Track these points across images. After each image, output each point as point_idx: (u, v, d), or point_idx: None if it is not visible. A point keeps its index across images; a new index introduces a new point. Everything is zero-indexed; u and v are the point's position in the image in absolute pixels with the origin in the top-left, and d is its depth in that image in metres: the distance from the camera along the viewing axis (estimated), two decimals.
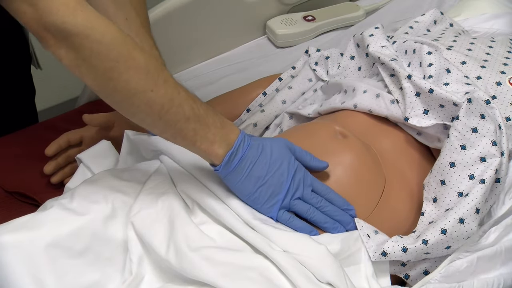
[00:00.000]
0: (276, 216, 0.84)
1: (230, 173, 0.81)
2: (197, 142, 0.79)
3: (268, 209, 0.84)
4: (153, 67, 0.75)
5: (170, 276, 0.80)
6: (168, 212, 0.83)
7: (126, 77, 0.73)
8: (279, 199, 0.83)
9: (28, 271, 0.73)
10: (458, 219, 0.84)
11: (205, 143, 0.79)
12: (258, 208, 0.84)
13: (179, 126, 0.77)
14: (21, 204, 1.06)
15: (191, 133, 0.78)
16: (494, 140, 0.89)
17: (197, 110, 0.78)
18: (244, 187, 0.82)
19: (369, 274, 0.82)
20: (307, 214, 0.85)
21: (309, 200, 0.85)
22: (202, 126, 0.79)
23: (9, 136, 1.19)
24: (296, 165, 0.86)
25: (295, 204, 0.84)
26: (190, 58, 1.51)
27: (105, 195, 0.84)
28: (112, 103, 0.77)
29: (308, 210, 0.85)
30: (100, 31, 0.71)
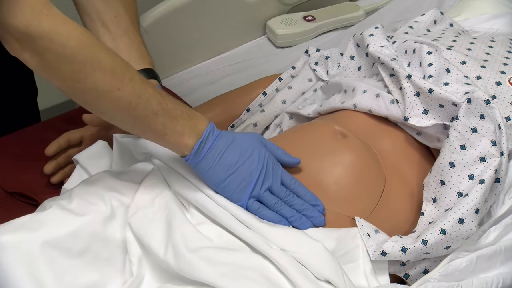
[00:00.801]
0: (246, 204, 0.84)
1: (200, 162, 0.82)
2: (166, 135, 0.80)
3: (238, 197, 0.84)
4: (119, 67, 0.76)
5: (169, 277, 0.80)
6: (165, 212, 0.83)
7: (92, 78, 0.73)
8: (249, 188, 0.84)
9: (28, 271, 0.73)
10: (457, 219, 0.84)
11: (175, 136, 0.80)
12: (229, 196, 0.84)
13: (148, 121, 0.78)
14: (21, 204, 1.06)
15: (160, 127, 0.79)
16: (493, 140, 0.89)
17: (165, 105, 0.79)
18: (214, 175, 0.83)
19: (367, 271, 0.82)
20: (274, 207, 0.85)
21: (278, 192, 0.86)
22: (171, 119, 0.80)
23: (9, 136, 1.19)
24: (267, 155, 0.86)
25: (265, 196, 0.85)
26: (190, 58, 1.51)
27: (103, 196, 0.84)
28: (81, 103, 0.78)
29: (276, 203, 0.85)
30: (65, 34, 0.71)
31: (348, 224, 0.88)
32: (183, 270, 0.76)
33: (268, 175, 0.85)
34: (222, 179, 0.83)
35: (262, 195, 0.85)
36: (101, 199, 0.84)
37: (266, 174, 0.85)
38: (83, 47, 0.72)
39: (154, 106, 0.78)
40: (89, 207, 0.82)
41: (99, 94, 0.75)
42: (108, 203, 0.83)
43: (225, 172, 0.83)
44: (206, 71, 1.49)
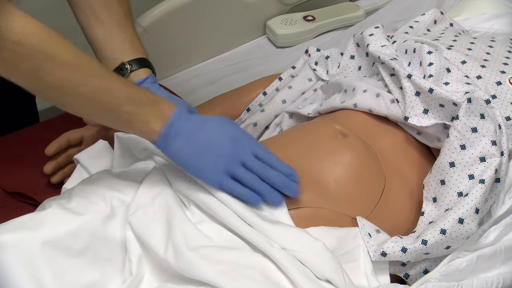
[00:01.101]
0: (220, 182, 0.83)
1: (169, 145, 0.82)
2: (134, 123, 0.80)
3: (212, 176, 0.83)
4: (82, 61, 0.76)
5: (169, 276, 0.80)
6: (166, 211, 0.83)
7: (54, 75, 0.73)
8: (222, 165, 0.83)
9: (27, 271, 0.73)
10: (457, 219, 0.84)
11: (142, 123, 0.81)
12: (202, 175, 0.83)
13: (114, 112, 0.79)
14: (21, 204, 1.06)
15: (127, 117, 0.80)
16: (494, 140, 0.89)
17: (130, 94, 0.80)
18: (185, 157, 0.83)
19: (368, 271, 0.82)
20: (248, 182, 0.84)
21: (252, 166, 0.84)
22: (137, 107, 0.80)
23: (9, 136, 1.19)
24: (238, 132, 0.86)
25: (239, 171, 0.84)
26: (190, 58, 1.51)
27: (103, 195, 0.84)
28: (47, 99, 0.78)
29: (251, 179, 0.84)
30: (23, 32, 0.70)
31: (348, 224, 0.88)
32: (183, 268, 0.76)
33: (241, 150, 0.85)
34: (194, 160, 0.83)
35: (236, 171, 0.84)
36: (101, 198, 0.84)
37: (238, 149, 0.84)
38: (42, 44, 0.72)
39: (120, 96, 0.79)
40: (89, 206, 0.82)
41: (63, 91, 0.75)
42: (108, 202, 0.83)
43: (196, 153, 0.83)
44: (206, 71, 1.49)
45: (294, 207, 0.88)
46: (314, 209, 0.89)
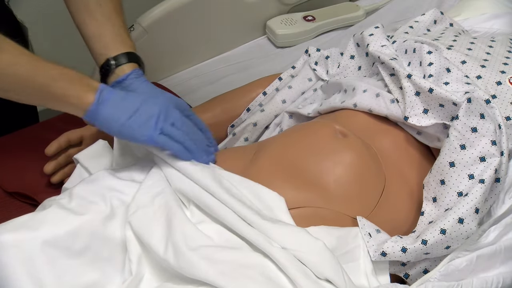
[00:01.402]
0: (152, 138, 0.86)
1: (101, 112, 0.85)
2: (65, 97, 0.84)
3: (144, 132, 0.86)
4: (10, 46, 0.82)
5: (169, 276, 0.80)
6: (166, 211, 0.83)
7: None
8: (153, 123, 0.86)
9: (27, 271, 0.73)
10: (457, 219, 0.84)
11: (74, 96, 0.85)
12: (135, 134, 0.86)
13: (47, 88, 0.83)
14: (21, 204, 1.06)
15: (60, 91, 0.84)
16: (493, 139, 0.89)
17: (60, 71, 0.84)
18: (117, 118, 0.85)
19: (368, 271, 0.82)
20: (180, 138, 0.88)
21: (181, 125, 0.89)
22: (68, 82, 0.85)
23: (9, 136, 1.19)
24: (168, 94, 0.91)
25: (169, 129, 0.87)
26: (190, 58, 1.51)
27: (103, 195, 0.84)
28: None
29: (182, 136, 0.88)
30: None
31: (348, 224, 0.88)
32: (183, 268, 0.76)
33: (171, 111, 0.89)
34: (124, 119, 0.85)
35: (167, 129, 0.87)
36: (101, 198, 0.84)
37: (168, 110, 0.88)
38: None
39: (52, 74, 0.83)
40: (89, 206, 0.82)
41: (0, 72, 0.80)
42: (108, 202, 0.84)
43: (127, 113, 0.86)
44: (206, 71, 1.49)
45: (294, 207, 0.88)
46: (314, 209, 0.89)
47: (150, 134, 0.86)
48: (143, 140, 0.86)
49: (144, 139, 0.86)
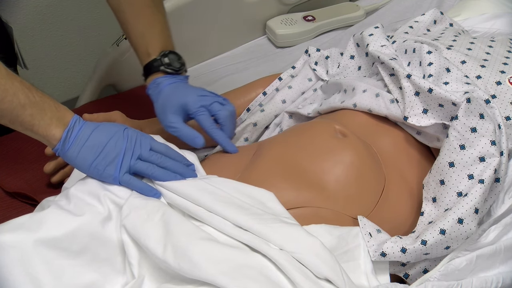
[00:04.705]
0: (115, 179, 0.85)
1: (68, 150, 0.84)
2: (34, 126, 0.83)
3: (109, 173, 0.85)
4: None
5: (169, 277, 0.79)
6: (160, 212, 0.82)
7: None
8: (118, 161, 0.85)
9: (26, 271, 0.73)
10: (457, 219, 0.84)
11: (42, 127, 0.83)
12: (100, 175, 0.85)
13: (16, 113, 0.81)
14: (21, 204, 1.06)
15: (28, 119, 0.82)
16: (493, 140, 0.89)
17: (32, 98, 0.82)
18: (83, 159, 0.85)
19: (368, 270, 0.82)
20: (147, 171, 0.87)
21: (148, 158, 0.88)
22: (39, 111, 0.83)
23: (9, 136, 1.19)
24: (131, 130, 0.89)
25: (135, 164, 0.86)
26: (190, 58, 1.50)
27: (100, 197, 0.84)
28: None
29: (148, 168, 0.87)
30: None
31: (348, 223, 0.88)
32: (183, 267, 0.75)
33: (136, 146, 0.87)
34: (90, 161, 0.85)
35: (134, 166, 0.86)
36: (99, 199, 0.84)
37: (133, 146, 0.87)
38: None
39: (22, 99, 0.81)
40: (87, 208, 0.82)
41: None
42: (105, 204, 0.84)
43: (93, 154, 0.85)
44: (206, 71, 1.49)
45: (294, 207, 0.88)
46: (314, 209, 0.89)
47: (115, 175, 0.85)
48: (110, 181, 0.86)
49: (110, 181, 0.86)
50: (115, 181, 0.86)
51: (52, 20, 1.72)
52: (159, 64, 1.07)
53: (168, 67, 1.07)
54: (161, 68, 1.07)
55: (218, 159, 1.00)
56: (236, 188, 0.87)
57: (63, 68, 1.84)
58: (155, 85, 1.05)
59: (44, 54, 1.78)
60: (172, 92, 1.03)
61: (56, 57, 1.81)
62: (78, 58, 1.83)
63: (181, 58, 1.10)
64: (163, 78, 1.06)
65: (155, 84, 1.05)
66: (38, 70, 1.79)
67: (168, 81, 1.05)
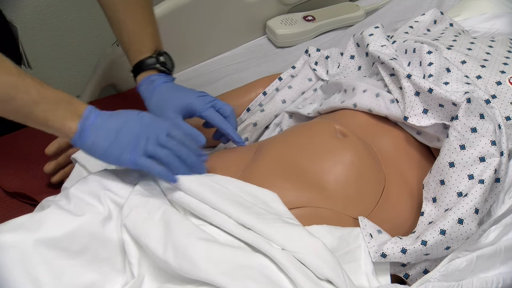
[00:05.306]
0: (135, 162, 0.84)
1: (84, 139, 0.84)
2: (49, 121, 0.82)
3: (126, 157, 0.84)
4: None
5: (169, 277, 0.79)
6: (160, 211, 0.82)
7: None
8: (135, 146, 0.84)
9: (26, 271, 0.73)
10: (457, 220, 0.84)
11: (58, 121, 0.83)
12: (117, 158, 0.84)
13: (28, 109, 0.81)
14: (21, 204, 1.06)
15: (42, 114, 0.81)
16: (493, 140, 0.89)
17: (44, 93, 0.82)
18: (98, 146, 0.84)
19: (369, 271, 0.82)
20: (166, 159, 0.85)
21: (165, 144, 0.86)
22: (52, 106, 0.82)
23: (9, 136, 1.19)
24: (146, 114, 0.88)
25: (155, 150, 0.85)
26: (190, 58, 1.51)
27: (100, 196, 0.84)
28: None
29: (167, 156, 0.85)
30: None
31: (349, 223, 0.88)
32: (183, 268, 0.75)
33: (152, 130, 0.86)
34: (106, 146, 0.84)
35: (153, 151, 0.85)
36: (99, 199, 0.84)
37: (149, 130, 0.86)
38: None
39: (34, 95, 0.80)
40: (87, 208, 0.82)
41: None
42: (105, 203, 0.83)
43: (108, 139, 0.84)
44: (206, 71, 1.49)
45: (295, 207, 0.88)
46: (314, 209, 0.89)
47: (132, 159, 0.84)
48: (127, 164, 0.85)
49: (127, 164, 0.84)
50: (132, 165, 0.84)
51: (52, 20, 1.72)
52: (154, 62, 1.06)
53: (162, 66, 1.07)
54: (156, 66, 1.06)
55: (218, 159, 1.00)
56: (240, 187, 0.87)
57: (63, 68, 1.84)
58: (148, 82, 1.04)
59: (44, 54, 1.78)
60: (170, 92, 1.03)
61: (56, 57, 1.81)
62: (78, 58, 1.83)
63: (172, 60, 1.10)
64: (157, 76, 1.05)
65: (148, 81, 1.05)
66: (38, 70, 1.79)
67: (162, 80, 1.05)
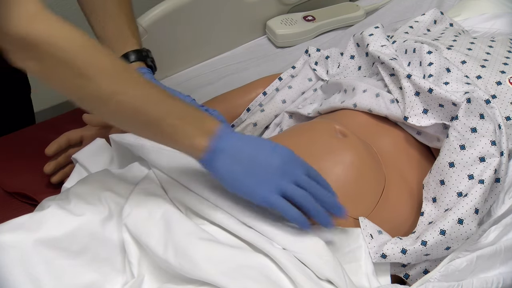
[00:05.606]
0: (269, 200, 0.77)
1: (215, 162, 0.77)
2: (178, 138, 0.77)
3: (261, 193, 0.77)
4: (122, 69, 0.74)
5: (169, 277, 0.79)
6: (161, 210, 0.82)
7: (95, 83, 0.71)
8: (272, 182, 0.77)
9: (26, 271, 0.73)
10: (457, 220, 0.84)
11: (187, 138, 0.77)
12: (250, 194, 0.78)
13: (157, 124, 0.76)
14: (21, 204, 1.06)
15: (170, 129, 0.76)
16: (493, 140, 0.89)
17: (174, 107, 0.77)
18: (234, 173, 0.77)
19: (369, 271, 0.82)
20: (300, 200, 0.77)
21: (303, 183, 0.78)
22: (181, 121, 0.76)
23: (9, 136, 1.19)
24: (283, 148, 0.80)
25: (292, 189, 0.77)
26: (190, 58, 1.51)
27: (101, 196, 0.84)
28: (88, 109, 0.77)
29: (302, 196, 0.77)
30: (64, 38, 0.70)
31: (349, 223, 0.88)
32: (184, 267, 0.75)
33: (291, 168, 0.79)
34: (240, 176, 0.77)
35: (289, 189, 0.77)
36: (99, 199, 0.84)
37: (288, 166, 0.78)
38: (83, 50, 0.71)
39: (163, 108, 0.76)
40: (87, 207, 0.82)
41: (104, 100, 0.73)
42: (106, 203, 0.83)
43: (243, 169, 0.77)
44: (206, 71, 1.49)
45: None
46: None
47: (266, 196, 0.76)
48: (258, 200, 0.77)
49: (259, 200, 0.77)
50: (265, 202, 0.77)
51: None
52: (146, 56, 1.06)
53: (151, 62, 1.07)
54: (148, 60, 1.05)
55: None
56: None
57: None
58: None
59: None
60: None
61: None
62: None
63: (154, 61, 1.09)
64: (146, 70, 1.04)
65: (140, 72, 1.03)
66: None
67: (149, 76, 1.04)
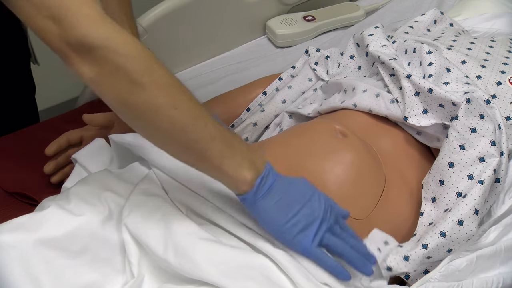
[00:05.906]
0: (311, 252, 0.76)
1: (259, 200, 0.75)
2: (223, 164, 0.73)
3: (300, 241, 0.75)
4: (178, 83, 0.72)
5: (169, 277, 0.79)
6: (161, 211, 0.82)
7: (149, 92, 0.68)
8: (313, 231, 0.76)
9: (26, 271, 0.74)
10: (457, 221, 0.84)
11: (233, 166, 0.73)
12: (289, 240, 0.76)
13: (204, 145, 0.72)
14: (21, 204, 1.06)
15: (217, 154, 0.72)
16: (493, 140, 0.89)
17: (222, 131, 0.73)
18: (275, 217, 0.75)
19: None
20: (339, 248, 0.77)
21: (339, 234, 0.78)
22: (229, 147, 0.73)
23: (9, 136, 1.19)
24: (323, 196, 0.79)
25: (328, 238, 0.77)
26: (190, 58, 1.51)
27: (101, 196, 0.84)
28: (131, 120, 0.72)
29: (342, 245, 0.77)
30: (124, 43, 0.68)
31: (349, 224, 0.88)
32: (184, 267, 0.75)
33: (329, 218, 0.77)
34: (283, 222, 0.75)
35: (326, 238, 0.77)
36: (99, 199, 0.84)
37: (328, 216, 0.77)
38: (140, 57, 0.69)
39: (212, 130, 0.72)
40: (87, 207, 0.82)
41: (154, 111, 0.69)
42: (106, 203, 0.83)
43: (286, 214, 0.75)
44: (206, 71, 1.49)
45: None
46: None
47: (306, 246, 0.75)
48: (296, 248, 0.76)
49: (297, 248, 0.76)
50: (304, 252, 0.76)
51: None
52: None
53: None
54: None
55: None
56: None
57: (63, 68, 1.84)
58: None
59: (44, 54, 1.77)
60: None
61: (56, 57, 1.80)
62: None
63: None
64: None
65: None
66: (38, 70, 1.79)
67: None
